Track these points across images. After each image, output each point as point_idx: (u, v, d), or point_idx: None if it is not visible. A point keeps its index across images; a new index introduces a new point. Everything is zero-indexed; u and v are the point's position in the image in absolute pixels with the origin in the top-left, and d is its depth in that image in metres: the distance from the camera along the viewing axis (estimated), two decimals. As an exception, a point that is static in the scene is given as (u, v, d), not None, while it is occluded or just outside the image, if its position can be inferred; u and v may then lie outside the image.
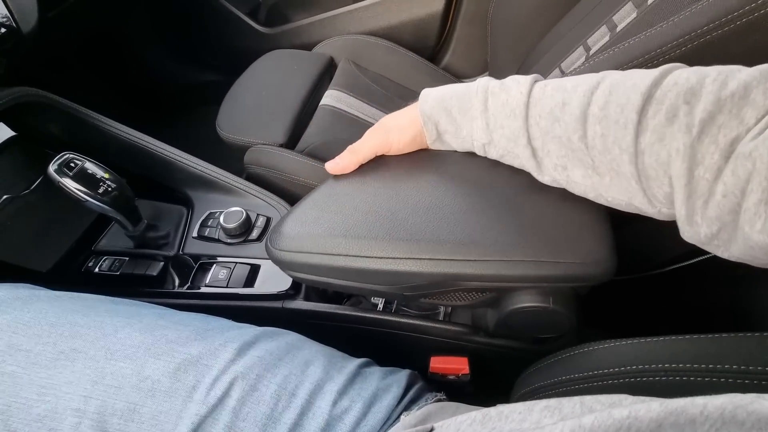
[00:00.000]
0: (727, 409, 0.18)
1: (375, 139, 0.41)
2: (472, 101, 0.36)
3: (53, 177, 0.46)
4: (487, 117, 0.36)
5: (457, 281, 0.38)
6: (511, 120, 0.34)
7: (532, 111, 0.33)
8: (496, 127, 0.36)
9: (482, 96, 0.36)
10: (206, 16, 1.03)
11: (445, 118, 0.39)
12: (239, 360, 0.35)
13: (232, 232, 0.55)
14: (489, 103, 0.35)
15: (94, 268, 0.55)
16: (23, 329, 0.34)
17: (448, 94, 0.38)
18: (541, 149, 0.34)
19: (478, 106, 0.36)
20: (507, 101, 0.34)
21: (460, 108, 0.37)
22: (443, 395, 0.41)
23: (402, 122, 0.41)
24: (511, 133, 0.35)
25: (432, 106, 0.39)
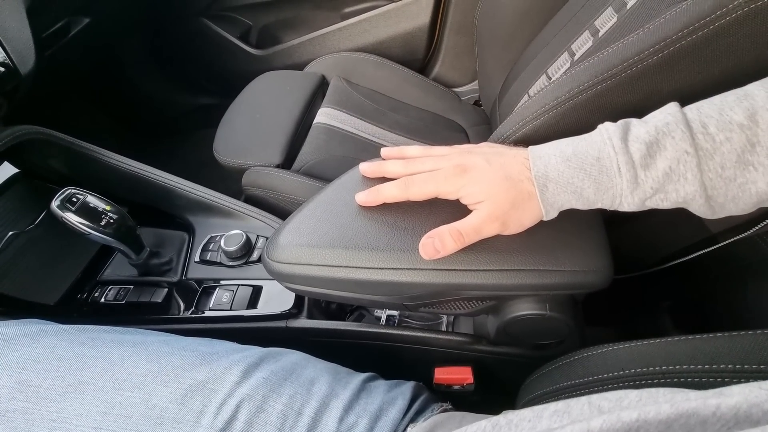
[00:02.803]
0: (741, 408, 0.18)
1: (490, 229, 0.34)
2: (613, 180, 0.30)
3: (56, 213, 0.47)
4: (641, 192, 0.30)
5: (457, 291, 0.39)
6: (680, 186, 0.29)
7: (708, 165, 0.28)
8: (654, 197, 0.30)
9: (629, 174, 0.29)
10: (199, 42, 1.05)
11: (576, 201, 0.32)
12: (245, 382, 0.36)
13: (233, 254, 0.56)
14: (641, 178, 0.29)
15: (100, 298, 0.56)
16: (32, 365, 0.34)
17: (577, 176, 0.31)
18: (723, 197, 0.29)
19: (626, 187, 0.30)
20: (671, 170, 0.28)
21: (597, 188, 0.31)
22: (449, 405, 0.41)
23: (524, 215, 0.33)
24: (681, 197, 0.29)
25: (555, 194, 0.32)
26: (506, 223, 0.34)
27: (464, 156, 0.36)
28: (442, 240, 0.34)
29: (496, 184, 0.33)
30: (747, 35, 0.31)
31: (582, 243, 0.37)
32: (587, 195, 0.31)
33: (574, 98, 0.38)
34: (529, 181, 0.33)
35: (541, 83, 0.63)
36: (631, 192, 0.30)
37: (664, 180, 0.29)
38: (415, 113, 0.85)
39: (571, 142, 0.33)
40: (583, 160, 0.31)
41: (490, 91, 0.81)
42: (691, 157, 0.28)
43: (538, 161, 0.33)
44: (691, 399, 0.19)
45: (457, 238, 0.34)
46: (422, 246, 0.35)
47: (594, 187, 0.31)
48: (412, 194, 0.36)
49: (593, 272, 0.35)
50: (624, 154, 0.30)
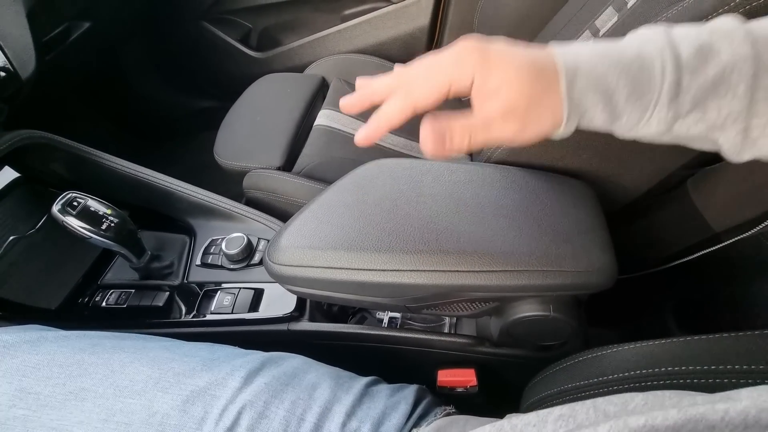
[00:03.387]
0: (750, 413, 0.17)
1: (507, 129, 0.27)
2: (655, 81, 0.25)
3: (57, 217, 0.47)
4: (678, 104, 0.25)
5: (460, 292, 0.38)
6: (725, 100, 0.24)
7: (765, 80, 0.24)
8: (689, 115, 0.25)
9: (674, 75, 0.24)
10: (199, 45, 1.05)
11: (602, 108, 0.26)
12: (246, 388, 0.35)
13: (234, 257, 0.56)
14: (685, 83, 0.25)
15: (102, 302, 0.56)
16: (32, 372, 0.34)
17: (612, 71, 0.25)
18: (765, 127, 0.25)
19: (666, 92, 0.25)
20: (722, 78, 0.24)
21: (631, 91, 0.25)
22: (452, 408, 0.41)
23: (545, 111, 0.26)
24: (721, 117, 0.25)
25: (583, 90, 0.26)
26: (525, 122, 0.26)
27: (478, 39, 0.27)
28: (450, 132, 0.27)
29: (520, 70, 0.26)
30: (749, 33, 0.31)
31: (585, 243, 0.36)
32: (616, 100, 0.26)
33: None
34: (554, 72, 0.26)
35: (542, 83, 0.63)
36: (669, 102, 0.25)
37: (710, 91, 0.24)
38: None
39: (604, 42, 0.27)
40: (621, 53, 0.26)
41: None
42: (749, 64, 0.24)
43: (569, 52, 0.26)
44: (699, 404, 0.19)
45: (464, 132, 0.27)
46: (427, 135, 0.27)
47: (628, 89, 0.25)
48: (419, 97, 0.27)
49: (597, 273, 0.35)
50: (670, 50, 0.25)
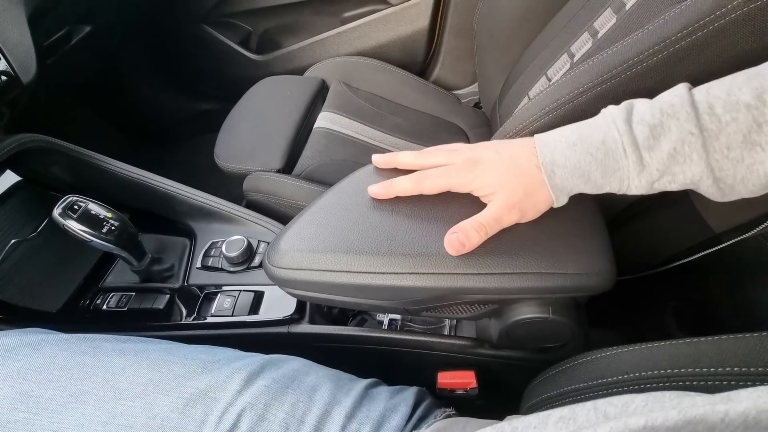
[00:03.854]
0: (750, 414, 0.17)
1: (510, 218, 0.35)
2: (620, 163, 0.30)
3: (58, 220, 0.48)
4: (647, 174, 0.30)
5: (459, 294, 0.38)
6: (686, 167, 0.29)
7: (714, 146, 0.28)
8: (661, 179, 0.30)
9: (635, 156, 0.30)
10: (200, 48, 1.05)
11: (584, 185, 0.33)
12: (246, 390, 0.35)
13: (234, 260, 0.56)
14: (646, 160, 0.30)
15: (103, 305, 0.56)
16: (33, 375, 0.34)
17: (584, 160, 0.31)
18: (732, 179, 0.29)
19: (632, 169, 0.30)
20: (675, 152, 0.28)
21: (604, 171, 0.31)
22: (452, 410, 0.41)
23: (538, 200, 0.34)
24: (689, 178, 0.29)
25: (563, 179, 0.32)
26: (524, 210, 0.34)
27: (474, 150, 0.36)
28: (466, 234, 0.34)
29: (508, 174, 0.34)
30: (746, 35, 0.31)
31: (584, 245, 0.36)
32: (595, 179, 0.32)
33: (574, 100, 0.38)
34: (538, 168, 0.33)
35: (541, 85, 0.63)
36: (638, 174, 0.30)
37: (670, 162, 0.29)
38: (415, 116, 0.85)
39: (575, 128, 0.33)
40: (588, 144, 0.31)
41: (490, 93, 0.81)
42: (695, 138, 0.28)
43: (545, 148, 0.33)
44: (699, 405, 0.19)
45: (479, 229, 0.34)
46: (448, 242, 0.35)
47: (601, 170, 0.31)
48: (426, 188, 0.37)
49: (596, 275, 0.35)
50: (628, 135, 0.30)
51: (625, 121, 0.30)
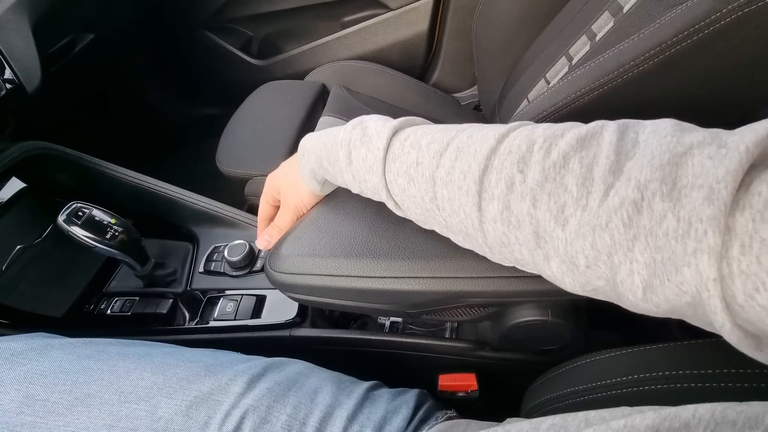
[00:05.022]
0: (716, 410, 0.18)
1: (288, 215, 0.44)
2: (338, 153, 0.35)
3: (62, 227, 0.48)
4: (352, 170, 0.35)
5: (459, 298, 0.39)
6: (371, 175, 0.34)
7: (390, 167, 0.33)
8: (360, 180, 0.35)
9: (346, 149, 0.35)
10: (201, 53, 1.06)
11: (319, 169, 0.39)
12: (249, 393, 0.36)
13: (236, 264, 0.57)
14: (353, 156, 0.34)
15: (107, 309, 0.57)
16: (40, 379, 0.35)
17: (318, 148, 0.38)
18: (402, 205, 0.34)
19: (343, 160, 0.35)
20: (366, 157, 0.33)
21: (329, 160, 0.37)
22: (453, 413, 0.41)
23: (300, 190, 0.43)
24: (373, 187, 0.35)
25: (307, 162, 0.39)
26: (295, 206, 0.44)
27: (278, 168, 0.45)
28: (269, 233, 0.45)
29: (282, 173, 0.44)
30: (742, 39, 0.31)
31: (583, 248, 0.37)
32: (325, 165, 0.37)
33: (572, 104, 0.38)
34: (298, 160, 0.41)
35: (540, 88, 0.63)
36: (347, 168, 0.35)
37: (363, 165, 0.34)
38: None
39: (332, 129, 0.38)
40: (326, 136, 0.37)
41: (490, 95, 0.82)
42: (380, 153, 0.33)
43: (306, 139, 0.40)
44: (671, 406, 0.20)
45: (275, 229, 0.45)
46: (258, 242, 0.46)
47: (327, 158, 0.37)
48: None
49: (595, 277, 0.35)
50: (348, 133, 0.35)
51: (354, 124, 0.35)
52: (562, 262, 0.25)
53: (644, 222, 0.21)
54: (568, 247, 0.24)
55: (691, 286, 0.19)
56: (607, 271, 0.23)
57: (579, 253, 0.24)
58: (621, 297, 0.24)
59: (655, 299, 0.21)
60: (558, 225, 0.24)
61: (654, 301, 0.21)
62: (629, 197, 0.21)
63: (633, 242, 0.21)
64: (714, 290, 0.18)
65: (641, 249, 0.21)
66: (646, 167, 0.21)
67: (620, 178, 0.22)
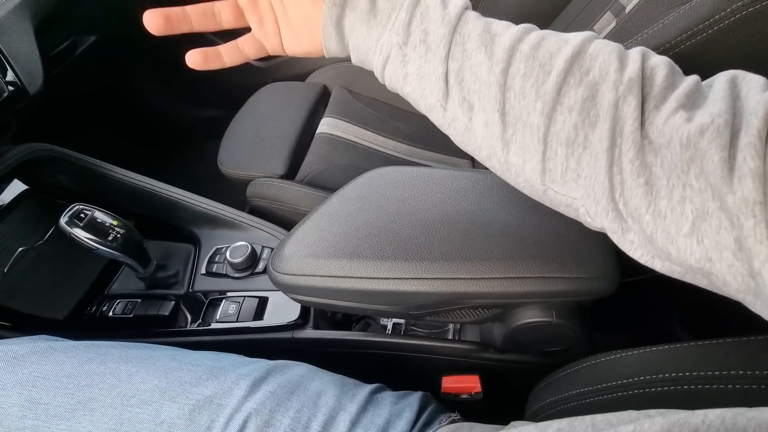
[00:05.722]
0: (726, 416, 0.18)
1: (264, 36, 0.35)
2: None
3: (64, 229, 0.48)
4: (414, 11, 0.29)
5: (463, 299, 0.39)
6: (438, 26, 0.29)
7: (462, 28, 0.29)
8: (418, 29, 0.29)
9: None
10: (202, 55, 1.06)
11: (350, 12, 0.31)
12: (252, 397, 0.36)
13: (238, 266, 0.56)
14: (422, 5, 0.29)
15: (109, 311, 0.57)
16: (42, 382, 0.35)
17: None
18: (456, 74, 0.29)
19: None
20: (443, 2, 0.29)
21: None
22: (457, 415, 0.41)
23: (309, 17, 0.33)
24: (433, 41, 0.29)
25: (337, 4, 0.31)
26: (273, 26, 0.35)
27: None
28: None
29: None
30: (746, 38, 0.31)
31: (587, 249, 0.36)
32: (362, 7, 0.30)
33: (575, 104, 0.38)
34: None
35: (542, 88, 0.63)
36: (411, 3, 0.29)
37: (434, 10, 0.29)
38: (417, 120, 0.85)
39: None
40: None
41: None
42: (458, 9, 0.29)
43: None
44: (680, 411, 0.20)
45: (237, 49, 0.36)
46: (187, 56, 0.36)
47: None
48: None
49: (599, 278, 0.35)
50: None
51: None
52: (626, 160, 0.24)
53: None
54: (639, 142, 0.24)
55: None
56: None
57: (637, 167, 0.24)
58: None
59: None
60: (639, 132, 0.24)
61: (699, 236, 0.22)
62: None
63: (689, 165, 0.22)
64: (761, 215, 0.19)
65: (696, 174, 0.22)
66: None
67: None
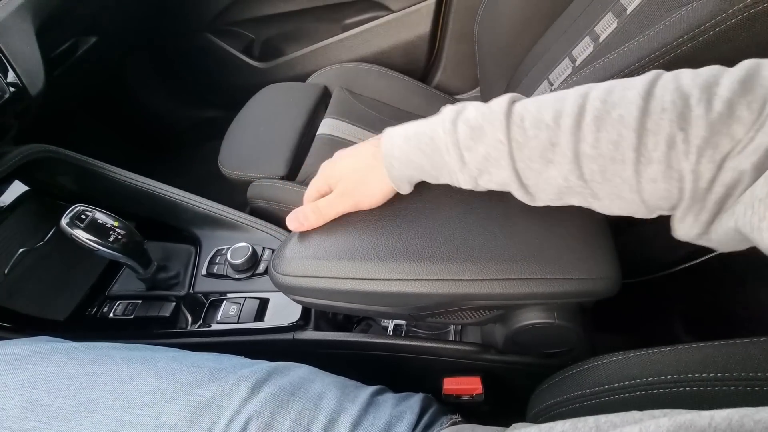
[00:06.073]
0: (734, 418, 0.18)
1: (343, 204, 0.39)
2: (444, 158, 0.33)
3: (65, 230, 0.48)
4: (468, 171, 0.33)
5: (464, 301, 0.38)
6: (497, 170, 0.31)
7: (519, 156, 0.31)
8: (481, 177, 0.33)
9: (455, 153, 0.32)
10: (203, 56, 1.06)
11: (420, 175, 0.36)
12: (253, 399, 0.36)
13: (239, 267, 0.56)
14: (466, 158, 0.32)
15: (109, 313, 0.57)
16: (43, 384, 0.35)
17: (415, 155, 0.34)
18: (535, 187, 0.32)
19: (455, 165, 0.33)
20: (488, 154, 0.31)
21: (434, 166, 0.34)
22: (458, 417, 0.41)
23: (371, 187, 0.38)
24: (501, 180, 0.32)
25: (401, 170, 0.35)
26: (357, 199, 0.38)
27: (342, 153, 0.40)
28: (304, 214, 0.39)
29: (350, 166, 0.38)
30: (748, 40, 0.31)
31: (589, 250, 0.36)
32: (428, 170, 0.35)
33: (576, 106, 0.38)
34: (374, 158, 0.36)
35: (543, 90, 0.63)
36: (460, 170, 0.33)
37: (485, 163, 0.32)
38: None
39: (417, 123, 0.35)
40: (419, 139, 0.34)
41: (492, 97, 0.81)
42: (503, 145, 0.30)
43: (388, 141, 0.36)
44: (685, 412, 0.20)
45: (315, 211, 0.39)
46: (289, 219, 0.40)
47: (431, 164, 0.34)
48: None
49: (601, 280, 0.35)
50: (451, 134, 0.32)
51: (452, 121, 0.33)
52: None
53: None
54: None
55: None
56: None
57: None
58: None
59: None
60: (717, 169, 0.25)
61: None
62: None
63: None
64: None
65: None
66: None
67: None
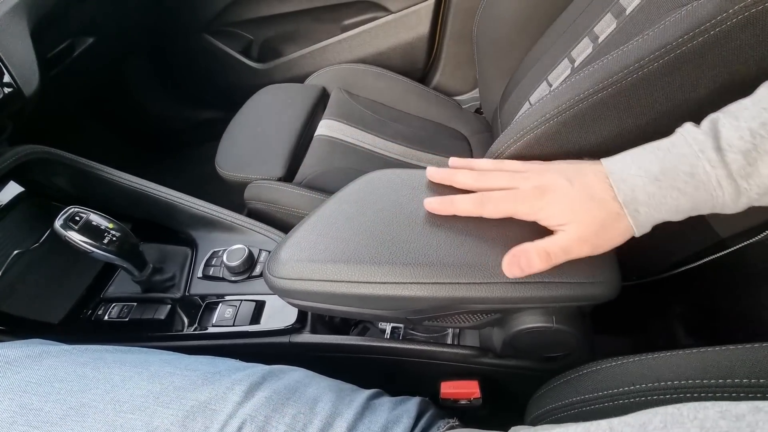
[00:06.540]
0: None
1: (579, 252, 0.33)
2: (713, 194, 0.29)
3: (59, 232, 0.48)
4: (747, 198, 0.29)
5: (461, 304, 0.38)
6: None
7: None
8: (762, 198, 0.29)
9: (731, 187, 0.28)
10: (201, 57, 1.06)
11: (671, 216, 0.31)
12: (247, 402, 0.35)
13: (235, 269, 0.56)
14: (743, 186, 0.28)
15: (104, 315, 0.56)
16: (34, 388, 0.34)
17: (670, 195, 0.30)
18: None
19: (729, 198, 0.29)
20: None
21: (695, 204, 0.30)
22: (456, 421, 0.41)
23: (614, 237, 0.32)
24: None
25: (648, 215, 0.31)
26: (596, 245, 0.32)
27: (543, 175, 0.34)
28: (528, 258, 0.33)
29: (581, 206, 0.32)
30: (749, 40, 0.31)
31: (588, 253, 0.36)
32: (685, 210, 0.30)
33: (575, 106, 0.38)
34: (614, 201, 0.31)
35: (542, 90, 0.63)
36: (734, 201, 0.29)
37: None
38: (417, 123, 0.85)
39: (654, 158, 0.31)
40: (674, 178, 0.29)
41: (491, 98, 0.81)
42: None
43: (623, 185, 0.31)
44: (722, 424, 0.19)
45: (544, 258, 0.32)
46: (507, 264, 0.34)
47: (691, 204, 0.30)
48: (487, 211, 0.35)
49: (600, 284, 0.35)
50: (722, 167, 0.28)
51: (715, 149, 0.28)
52: None
53: None
54: None
55: None
56: None
57: None
58: None
59: None
60: None
61: None
62: None
63: None
64: None
65: None
66: None
67: None
